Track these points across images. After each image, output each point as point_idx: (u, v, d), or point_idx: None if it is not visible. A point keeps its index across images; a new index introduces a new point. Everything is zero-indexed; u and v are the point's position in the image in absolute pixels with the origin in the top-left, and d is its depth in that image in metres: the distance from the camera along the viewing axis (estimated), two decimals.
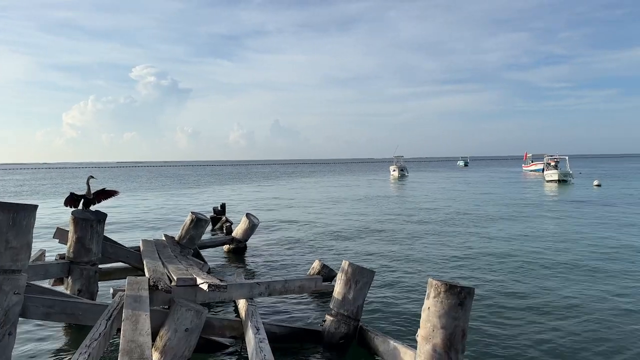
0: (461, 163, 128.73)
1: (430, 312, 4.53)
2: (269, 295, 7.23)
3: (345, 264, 6.55)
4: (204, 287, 6.02)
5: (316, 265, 9.94)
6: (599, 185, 39.02)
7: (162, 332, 5.42)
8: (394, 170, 67.54)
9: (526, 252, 12.92)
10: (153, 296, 6.02)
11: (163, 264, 7.62)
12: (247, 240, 13.58)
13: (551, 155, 56.96)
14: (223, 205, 20.12)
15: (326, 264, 9.99)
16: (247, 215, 13.62)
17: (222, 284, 6.15)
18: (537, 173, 65.04)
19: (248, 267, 11.91)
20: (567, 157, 52.64)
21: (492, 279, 10.18)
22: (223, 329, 6.29)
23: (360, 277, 6.42)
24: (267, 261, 12.42)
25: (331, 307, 6.53)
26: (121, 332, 4.75)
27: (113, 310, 5.52)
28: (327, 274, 9.53)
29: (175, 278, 6.41)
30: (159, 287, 6.08)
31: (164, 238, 10.29)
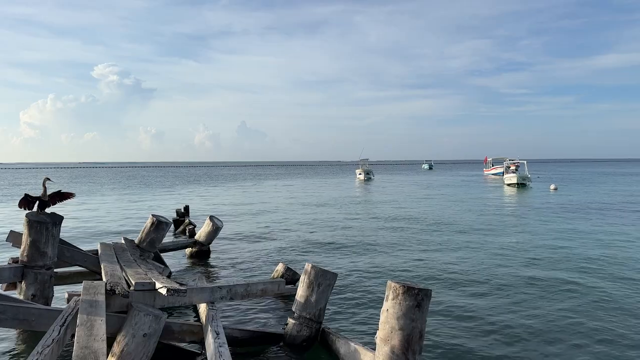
0: (426, 166, 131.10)
1: (389, 314, 4.60)
2: (231, 299, 7.17)
3: (308, 266, 6.56)
4: (163, 291, 5.92)
5: (280, 268, 9.90)
6: (555, 189, 40.43)
7: (120, 337, 5.29)
8: (360, 174, 68.24)
9: (483, 254, 13.26)
10: (110, 301, 5.89)
11: (121, 267, 7.45)
12: (210, 244, 13.40)
13: (511, 160, 58.68)
14: (186, 208, 19.80)
15: (290, 266, 9.97)
16: (211, 217, 13.44)
17: (181, 288, 6.06)
18: (497, 177, 66.82)
19: (211, 270, 11.76)
20: (525, 162, 54.35)
21: (449, 281, 10.39)
22: (183, 334, 6.19)
23: (323, 279, 6.45)
24: (231, 264, 12.30)
25: (293, 310, 6.54)
26: (75, 338, 4.62)
27: (67, 316, 5.35)
28: (291, 277, 9.51)
29: (133, 282, 6.28)
30: (116, 292, 5.95)
31: (123, 241, 10.05)
